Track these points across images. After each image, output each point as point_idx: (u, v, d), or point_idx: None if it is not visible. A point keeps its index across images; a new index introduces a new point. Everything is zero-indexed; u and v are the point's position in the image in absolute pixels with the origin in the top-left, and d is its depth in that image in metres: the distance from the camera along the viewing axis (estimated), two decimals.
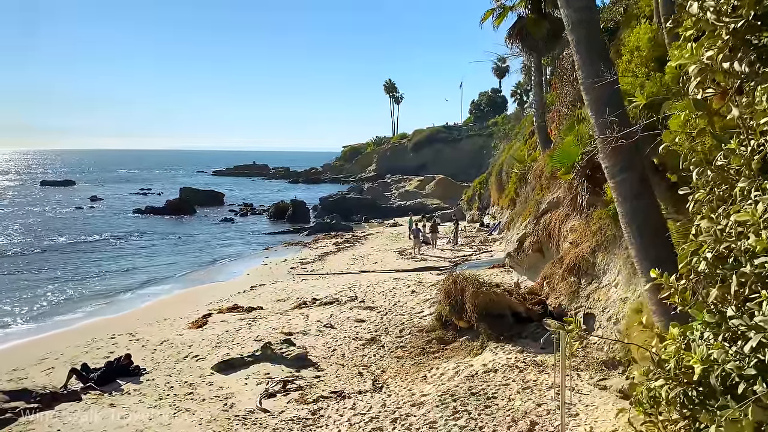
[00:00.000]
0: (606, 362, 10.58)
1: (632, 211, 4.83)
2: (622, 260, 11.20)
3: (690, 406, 2.31)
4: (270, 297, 20.69)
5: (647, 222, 4.86)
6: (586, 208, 12.48)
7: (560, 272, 13.22)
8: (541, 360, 11.33)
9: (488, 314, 13.07)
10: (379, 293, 19.42)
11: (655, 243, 4.74)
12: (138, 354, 14.29)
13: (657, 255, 4.62)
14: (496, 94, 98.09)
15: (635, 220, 4.82)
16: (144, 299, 22.55)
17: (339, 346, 13.99)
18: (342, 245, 34.27)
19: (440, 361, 12.35)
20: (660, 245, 4.68)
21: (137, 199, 71.75)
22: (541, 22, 16.79)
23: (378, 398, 10.68)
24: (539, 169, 16.88)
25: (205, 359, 13.64)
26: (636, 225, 4.82)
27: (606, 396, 9.41)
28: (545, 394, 9.76)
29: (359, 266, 26.23)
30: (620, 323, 10.60)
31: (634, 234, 4.86)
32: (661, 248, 4.68)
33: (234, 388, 11.79)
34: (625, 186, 4.89)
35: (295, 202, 52.42)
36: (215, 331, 16.03)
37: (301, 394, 11.21)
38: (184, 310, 19.66)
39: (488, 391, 10.11)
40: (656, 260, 4.48)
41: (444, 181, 59.46)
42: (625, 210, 4.97)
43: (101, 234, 41.46)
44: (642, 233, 4.87)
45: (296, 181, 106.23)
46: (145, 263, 30.72)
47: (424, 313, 15.96)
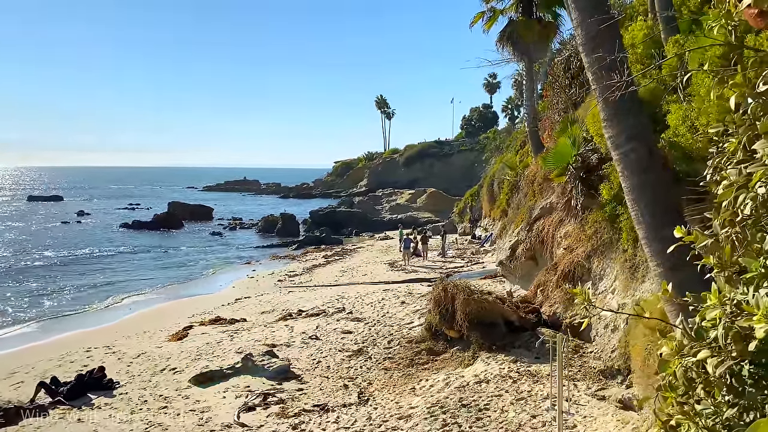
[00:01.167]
0: (604, 371, 10.02)
1: (640, 187, 4.25)
2: (619, 265, 10.69)
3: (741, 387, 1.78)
4: (255, 309, 20.01)
5: (657, 198, 4.30)
6: (580, 211, 11.99)
7: (554, 279, 12.70)
8: (535, 370, 10.75)
9: (480, 323, 12.50)
10: (367, 304, 18.80)
11: (667, 222, 4.17)
12: (113, 367, 13.59)
13: (670, 234, 4.07)
14: (488, 109, 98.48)
15: (643, 197, 4.26)
16: (124, 312, 21.78)
17: (324, 358, 13.35)
18: (331, 258, 33.64)
19: (430, 372, 11.75)
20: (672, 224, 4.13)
21: (125, 213, 70.85)
22: (533, 24, 16.46)
23: (363, 411, 10.05)
24: (531, 175, 16.43)
25: (183, 372, 12.96)
26: (644, 202, 4.26)
27: (605, 406, 8.85)
28: (540, 405, 9.18)
29: (348, 278, 25.60)
30: (618, 331, 10.07)
31: (643, 212, 4.29)
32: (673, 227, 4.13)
33: (211, 401, 11.12)
34: (632, 158, 4.31)
35: (285, 215, 51.75)
36: (195, 344, 15.34)
37: (282, 408, 10.56)
38: (166, 322, 18.95)
39: (480, 402, 9.52)
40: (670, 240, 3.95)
41: (435, 195, 59.05)
42: (631, 185, 4.38)
43: (85, 248, 40.59)
44: (652, 211, 4.30)
45: (287, 196, 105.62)
46: (127, 277, 29.91)
47: (413, 324, 15.35)
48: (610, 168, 11.06)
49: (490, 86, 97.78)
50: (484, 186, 36.26)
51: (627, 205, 4.35)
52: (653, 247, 4.20)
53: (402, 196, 61.57)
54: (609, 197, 10.71)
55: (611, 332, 10.39)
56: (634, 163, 4.22)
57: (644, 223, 4.20)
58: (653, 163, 4.31)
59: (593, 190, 11.70)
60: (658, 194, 4.20)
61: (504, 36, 17.19)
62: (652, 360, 7.00)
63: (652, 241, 4.14)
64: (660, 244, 4.03)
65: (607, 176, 11.06)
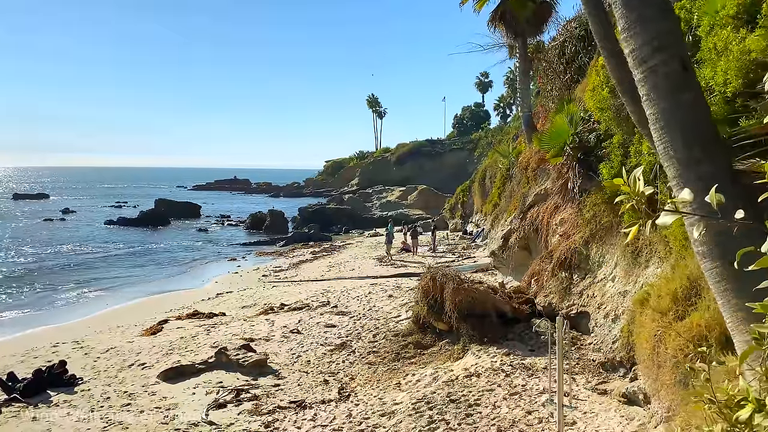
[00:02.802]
0: (604, 364, 9.26)
1: (671, 111, 3.31)
2: (620, 250, 9.92)
3: None
4: (235, 303, 19.12)
5: (696, 126, 3.43)
6: (578, 194, 11.22)
7: (549, 268, 11.90)
8: (530, 363, 9.97)
9: (470, 314, 11.71)
10: (353, 298, 17.97)
11: (707, 156, 3.32)
12: (78, 362, 12.69)
13: (711, 171, 3.22)
14: (479, 108, 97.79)
15: (676, 123, 3.35)
16: (100, 307, 20.82)
17: (305, 352, 12.51)
18: (319, 254, 32.78)
19: (417, 366, 10.94)
20: (713, 158, 3.29)
21: (111, 211, 69.57)
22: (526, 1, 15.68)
23: (343, 408, 9.22)
24: (525, 161, 15.65)
25: (153, 367, 12.07)
26: (677, 130, 3.35)
27: (606, 401, 8.08)
28: (535, 400, 8.40)
29: (335, 273, 24.75)
30: (620, 320, 9.29)
31: (674, 142, 3.37)
32: (714, 161, 3.29)
33: (179, 398, 10.25)
34: (661, 73, 3.45)
35: (273, 212, 50.77)
36: (169, 338, 14.43)
37: (256, 405, 9.71)
38: (142, 317, 18.02)
39: (470, 397, 8.72)
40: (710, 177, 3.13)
41: (426, 192, 58.28)
42: (660, 110, 3.36)
43: (66, 244, 39.44)
44: (687, 141, 3.36)
45: (277, 195, 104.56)
46: (106, 273, 28.85)
47: (401, 317, 14.54)
48: (610, 147, 10.31)
49: (481, 85, 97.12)
50: (475, 181, 35.50)
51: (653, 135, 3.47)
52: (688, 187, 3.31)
53: (393, 193, 60.75)
54: (609, 177, 9.95)
55: (612, 322, 9.61)
56: (664, 81, 3.35)
57: (676, 159, 3.30)
58: (688, 80, 3.44)
59: (592, 171, 10.95)
60: (695, 119, 3.33)
61: (496, 15, 16.38)
62: (662, 348, 6.23)
63: (687, 181, 3.27)
64: (699, 182, 3.16)
65: (607, 156, 10.31)
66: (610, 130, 9.93)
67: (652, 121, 3.45)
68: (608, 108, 9.08)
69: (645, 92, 3.42)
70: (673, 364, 5.83)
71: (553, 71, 19.03)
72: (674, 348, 5.81)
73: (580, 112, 11.66)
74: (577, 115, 11.26)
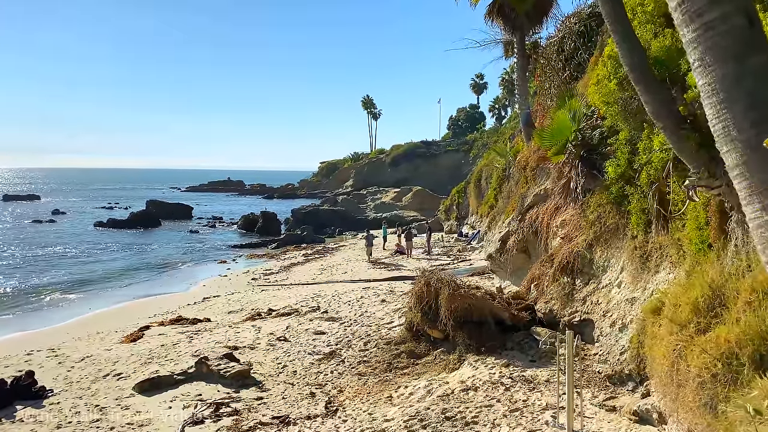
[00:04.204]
0: (611, 377, 8.58)
1: (734, 79, 2.54)
2: (626, 254, 9.25)
3: None
4: (222, 308, 18.38)
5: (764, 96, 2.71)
6: (581, 194, 10.56)
7: (550, 272, 11.22)
8: (531, 375, 9.29)
9: (467, 322, 11.05)
10: (345, 303, 17.27)
11: None
12: (50, 372, 11.96)
13: None
14: (474, 109, 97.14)
15: (739, 96, 2.64)
16: (81, 311, 20.03)
17: (291, 362, 11.79)
18: (311, 256, 32.05)
19: (410, 378, 10.25)
20: None
21: (102, 212, 68.59)
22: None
23: (330, 424, 8.52)
24: (524, 160, 14.99)
25: (129, 378, 11.33)
26: (744, 104, 2.63)
27: (616, 419, 7.40)
28: (538, 417, 7.71)
29: (327, 276, 24.04)
30: (628, 329, 8.62)
31: (738, 120, 2.64)
32: None
33: (154, 412, 9.52)
34: (721, 31, 2.70)
35: (266, 213, 49.97)
36: (149, 345, 13.69)
37: (236, 420, 8.99)
38: (124, 323, 17.27)
39: (467, 414, 8.03)
40: None
41: (421, 193, 57.59)
42: (719, 77, 2.77)
43: (52, 246, 38.55)
44: (755, 118, 2.72)
45: (271, 196, 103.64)
46: (91, 276, 28.03)
47: (393, 324, 13.85)
48: (616, 144, 9.67)
49: (477, 86, 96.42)
50: (471, 182, 34.86)
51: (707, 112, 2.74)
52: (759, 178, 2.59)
53: (387, 194, 60.03)
54: (615, 176, 9.30)
55: (619, 331, 8.94)
56: (725, 40, 2.63)
57: (740, 141, 2.59)
58: (756, 39, 2.70)
59: (596, 170, 10.29)
60: (766, 88, 2.62)
61: (494, 8, 15.74)
62: (683, 365, 5.56)
63: (756, 172, 2.54)
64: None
65: (613, 153, 9.66)
66: (616, 126, 9.28)
67: (706, 94, 2.74)
68: (615, 102, 8.42)
69: (697, 56, 2.70)
70: (697, 384, 5.16)
71: (551, 68, 18.38)
72: (699, 366, 5.14)
73: (582, 107, 11.00)
74: (579, 111, 10.60)
